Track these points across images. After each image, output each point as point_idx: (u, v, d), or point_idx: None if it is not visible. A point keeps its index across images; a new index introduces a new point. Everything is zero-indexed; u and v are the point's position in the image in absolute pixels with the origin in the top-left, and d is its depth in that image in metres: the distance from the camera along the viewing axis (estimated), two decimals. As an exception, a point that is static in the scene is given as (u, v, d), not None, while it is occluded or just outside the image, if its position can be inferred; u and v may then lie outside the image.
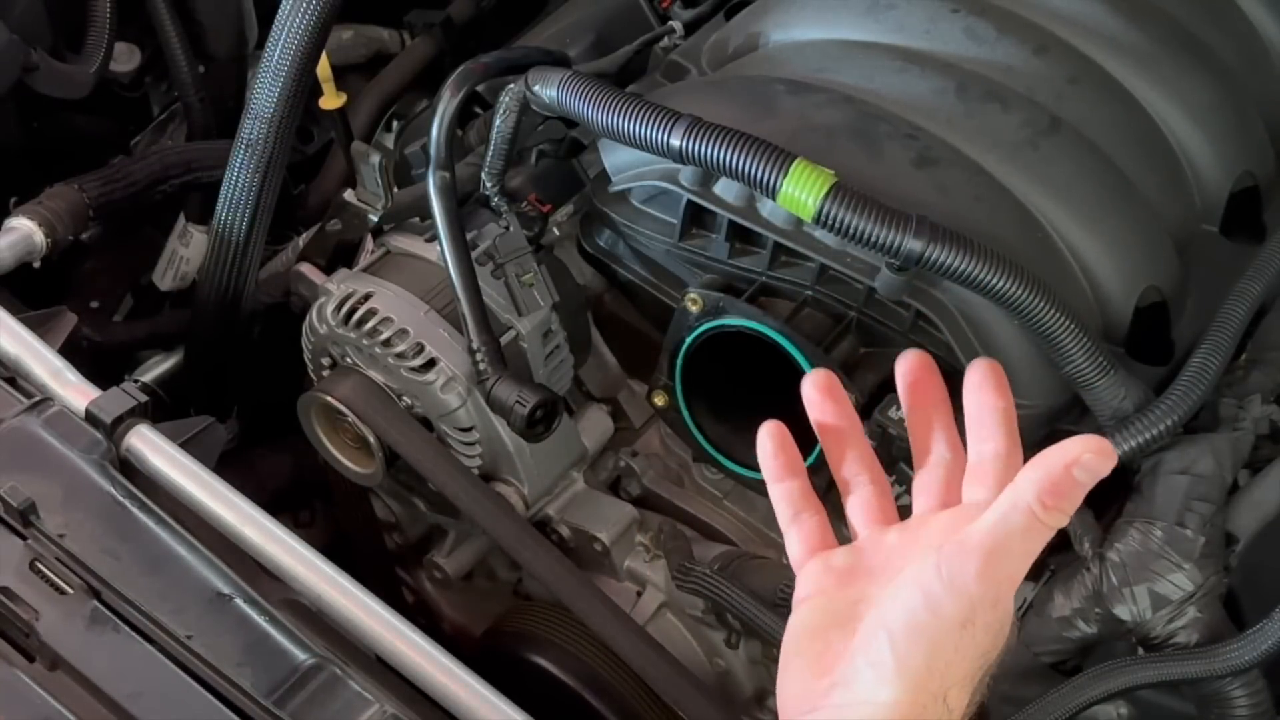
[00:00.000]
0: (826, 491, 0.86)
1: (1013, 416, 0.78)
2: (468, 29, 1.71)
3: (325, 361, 1.29)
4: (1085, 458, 0.70)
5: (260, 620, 0.95)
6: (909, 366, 0.83)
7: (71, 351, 1.19)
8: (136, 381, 1.40)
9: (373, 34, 1.82)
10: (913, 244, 1.03)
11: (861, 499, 0.83)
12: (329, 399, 1.23)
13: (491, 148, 1.25)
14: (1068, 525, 1.11)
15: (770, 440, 0.83)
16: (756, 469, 0.88)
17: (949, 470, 0.80)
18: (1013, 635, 0.76)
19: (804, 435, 0.86)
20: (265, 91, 1.22)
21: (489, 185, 1.26)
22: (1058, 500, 0.70)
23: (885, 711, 0.71)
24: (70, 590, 0.95)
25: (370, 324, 1.21)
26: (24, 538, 0.97)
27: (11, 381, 1.10)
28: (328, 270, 1.33)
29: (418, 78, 1.69)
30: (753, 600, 1.20)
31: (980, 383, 0.79)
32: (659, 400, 1.28)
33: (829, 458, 0.84)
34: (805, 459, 1.07)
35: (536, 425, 1.17)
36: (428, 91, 1.68)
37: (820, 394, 0.84)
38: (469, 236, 1.22)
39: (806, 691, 0.75)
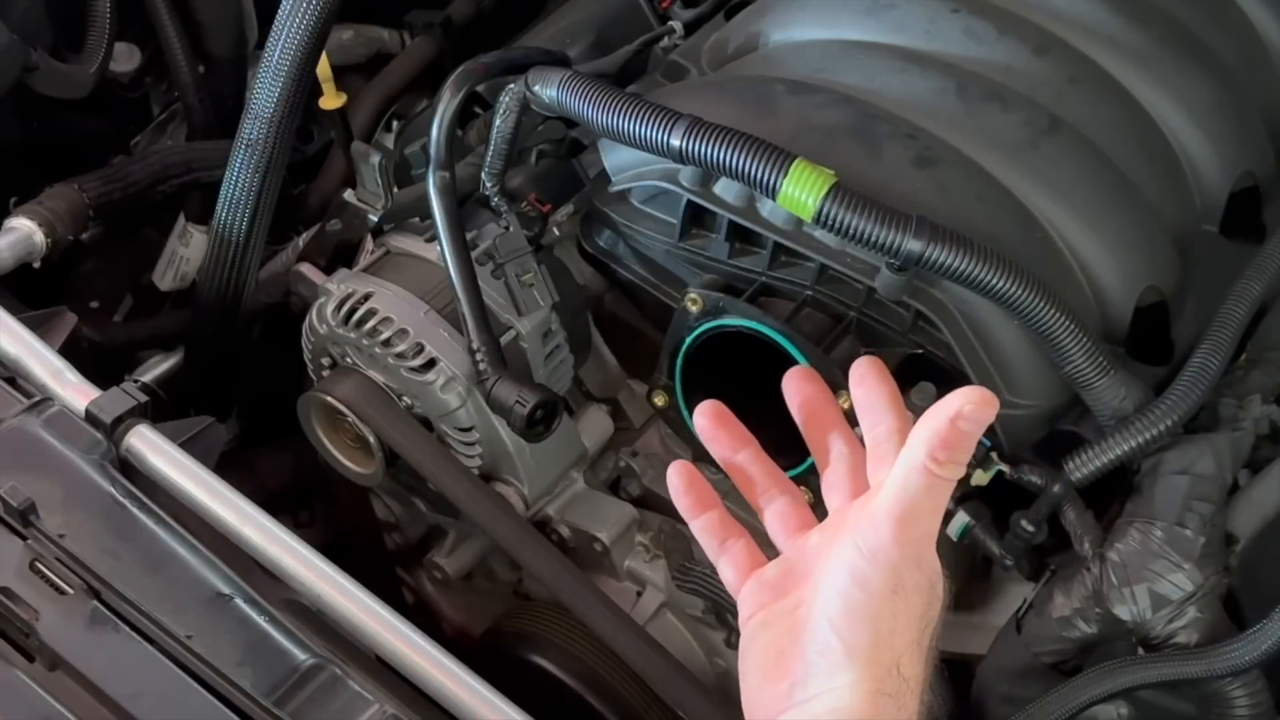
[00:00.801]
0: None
1: (899, 399, 0.81)
2: (468, 29, 1.71)
3: (325, 361, 1.29)
4: (967, 409, 0.71)
5: (260, 620, 0.95)
6: (794, 385, 0.85)
7: (71, 351, 1.19)
8: (136, 381, 1.39)
9: (373, 34, 1.82)
10: (912, 244, 1.03)
11: (777, 513, 0.85)
12: (329, 399, 1.23)
13: (491, 148, 1.24)
14: (1067, 525, 1.12)
15: (679, 480, 0.85)
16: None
17: (850, 464, 0.82)
18: (946, 595, 0.78)
19: (799, 438, 0.87)
20: (265, 91, 1.22)
21: (489, 185, 1.26)
22: (950, 454, 0.72)
23: (846, 694, 0.73)
24: (70, 590, 0.95)
25: (370, 324, 1.21)
26: (24, 538, 0.97)
27: (11, 381, 1.10)
28: (328, 270, 1.33)
29: (418, 78, 1.69)
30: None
31: (862, 376, 0.81)
32: (659, 400, 1.27)
33: (737, 483, 0.87)
34: (799, 464, 1.08)
35: (536, 425, 1.17)
36: (428, 91, 1.68)
37: (713, 424, 0.86)
38: (469, 236, 1.22)
39: (770, 699, 0.77)
